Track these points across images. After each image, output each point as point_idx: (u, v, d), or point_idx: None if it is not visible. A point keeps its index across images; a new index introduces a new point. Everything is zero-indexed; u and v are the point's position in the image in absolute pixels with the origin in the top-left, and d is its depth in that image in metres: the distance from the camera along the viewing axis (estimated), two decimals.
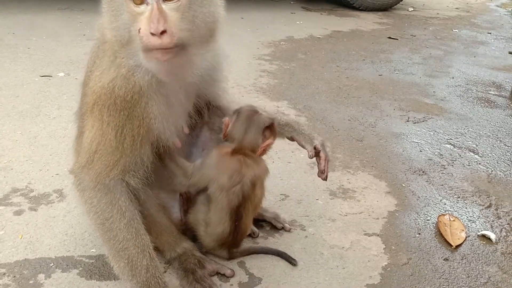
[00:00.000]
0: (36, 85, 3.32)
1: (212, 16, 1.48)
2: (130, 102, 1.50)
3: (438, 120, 3.45)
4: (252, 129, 1.83)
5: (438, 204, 2.43)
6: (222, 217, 1.80)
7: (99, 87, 1.52)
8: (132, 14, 1.39)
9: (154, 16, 1.33)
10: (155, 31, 1.32)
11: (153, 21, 1.33)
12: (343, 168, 2.68)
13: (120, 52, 1.47)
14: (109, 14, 1.46)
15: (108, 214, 1.57)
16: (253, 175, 1.81)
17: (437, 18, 7.10)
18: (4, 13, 4.90)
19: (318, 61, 4.54)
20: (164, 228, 1.79)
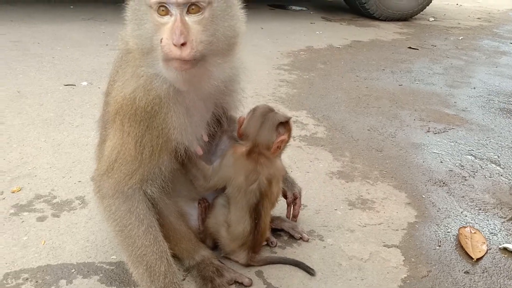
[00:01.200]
0: (60, 93, 3.40)
1: (233, 30, 1.51)
2: (150, 113, 1.53)
3: (459, 131, 3.41)
4: (266, 125, 1.85)
5: (459, 216, 2.39)
6: (242, 216, 1.83)
7: (121, 97, 1.56)
8: (155, 24, 1.42)
9: (176, 27, 1.37)
10: (176, 42, 1.36)
11: (175, 32, 1.37)
12: (362, 179, 2.67)
13: (141, 61, 1.51)
14: (132, 22, 1.50)
15: (126, 221, 1.60)
16: (268, 173, 1.84)
17: (458, 28, 7.04)
18: (30, 23, 5.03)
19: (338, 71, 4.54)
20: (183, 235, 1.81)
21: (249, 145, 1.85)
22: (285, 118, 1.88)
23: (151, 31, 1.44)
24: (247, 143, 1.85)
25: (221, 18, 1.46)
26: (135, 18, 1.49)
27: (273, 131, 1.85)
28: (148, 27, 1.45)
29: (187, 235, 1.83)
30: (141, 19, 1.47)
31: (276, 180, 1.89)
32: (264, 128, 1.84)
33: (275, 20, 6.26)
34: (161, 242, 1.64)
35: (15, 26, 4.88)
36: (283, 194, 2.12)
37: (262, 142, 1.84)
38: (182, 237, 1.81)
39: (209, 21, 1.43)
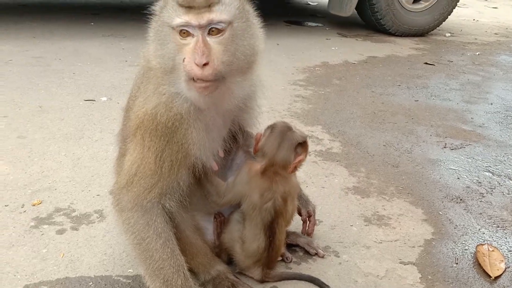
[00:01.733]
0: (80, 108, 3.47)
1: (253, 48, 1.56)
2: (171, 129, 1.57)
3: (476, 147, 3.39)
4: (285, 145, 1.85)
5: (476, 233, 2.37)
6: (256, 233, 1.84)
7: (142, 112, 1.61)
8: (177, 44, 1.48)
9: (198, 48, 1.42)
10: (198, 62, 1.41)
11: (198, 52, 1.42)
12: (378, 194, 2.66)
13: (163, 79, 1.56)
14: (155, 42, 1.55)
15: (144, 235, 1.63)
16: (283, 191, 1.85)
17: (475, 44, 7.00)
18: (52, 39, 5.16)
19: (353, 87, 4.55)
20: (199, 249, 1.83)
21: (265, 163, 1.85)
22: (302, 138, 1.89)
23: (173, 51, 1.49)
24: (263, 160, 1.86)
25: (241, 37, 1.51)
26: (158, 39, 1.54)
27: (291, 151, 1.85)
28: (170, 47, 1.50)
29: (203, 249, 1.85)
30: (164, 39, 1.52)
31: (291, 198, 1.89)
32: (283, 148, 1.85)
33: (291, 36, 6.32)
34: (178, 256, 1.67)
35: (38, 43, 5.01)
36: (298, 211, 2.12)
37: (279, 162, 1.85)
38: (198, 251, 1.83)
39: (229, 41, 1.48)
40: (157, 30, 1.55)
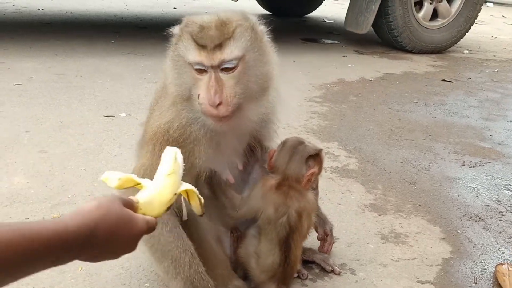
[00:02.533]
0: (100, 124, 3.54)
1: (266, 75, 1.60)
2: (180, 143, 1.63)
3: (496, 165, 3.35)
4: (295, 158, 1.86)
5: (495, 252, 2.33)
6: (272, 249, 1.83)
7: (156, 126, 1.68)
8: (193, 78, 1.54)
9: (211, 87, 1.48)
10: (212, 104, 1.48)
11: (211, 93, 1.48)
12: (395, 212, 2.64)
13: (181, 104, 1.63)
14: (173, 71, 1.61)
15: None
16: (298, 206, 1.84)
17: (493, 61, 6.95)
18: (74, 57, 5.28)
19: (370, 103, 4.55)
20: (220, 260, 1.83)
21: (279, 178, 1.86)
22: (315, 150, 1.89)
23: (190, 83, 1.56)
24: (277, 175, 1.87)
25: (254, 67, 1.56)
26: (175, 68, 1.60)
27: (302, 164, 1.86)
28: (187, 79, 1.57)
29: (224, 261, 1.85)
30: (181, 70, 1.58)
31: (306, 213, 1.88)
32: (294, 161, 1.86)
33: (307, 53, 6.36)
34: (185, 239, 1.70)
35: (60, 60, 5.14)
36: (315, 229, 2.12)
37: (292, 175, 1.85)
38: (220, 262, 1.83)
39: (242, 74, 1.53)
40: (174, 59, 1.60)
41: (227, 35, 1.50)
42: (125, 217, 1.14)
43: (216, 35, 1.49)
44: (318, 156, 1.90)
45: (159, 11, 8.61)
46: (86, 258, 1.10)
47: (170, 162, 1.27)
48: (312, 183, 1.92)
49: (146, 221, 1.19)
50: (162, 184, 1.25)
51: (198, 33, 1.51)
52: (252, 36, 1.55)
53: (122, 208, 1.14)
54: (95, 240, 1.06)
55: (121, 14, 8.04)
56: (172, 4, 9.41)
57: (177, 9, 9.04)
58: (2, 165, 2.83)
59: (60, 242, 1.00)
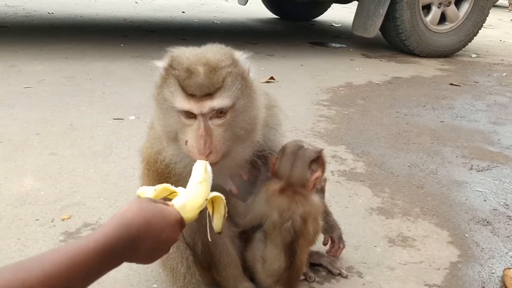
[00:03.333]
0: (109, 127, 3.57)
1: (253, 120, 1.59)
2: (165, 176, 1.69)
3: (504, 169, 3.34)
4: (298, 164, 1.82)
5: (503, 256, 2.33)
6: (277, 254, 1.83)
7: (147, 153, 1.76)
8: (180, 123, 1.50)
9: (201, 136, 1.44)
10: (202, 153, 1.45)
11: (201, 142, 1.44)
12: (403, 215, 2.64)
13: (167, 143, 1.62)
14: (159, 112, 1.57)
15: None
16: (302, 211, 1.82)
17: (502, 65, 6.93)
18: (83, 60, 5.34)
19: (377, 107, 4.55)
20: (233, 260, 1.84)
21: (283, 184, 1.84)
22: (316, 153, 1.85)
23: (176, 127, 1.52)
24: (281, 182, 1.85)
25: (242, 114, 1.54)
26: (160, 109, 1.55)
27: (306, 169, 1.83)
28: (173, 122, 1.53)
29: (237, 261, 1.86)
30: (167, 113, 1.53)
31: (312, 218, 1.85)
32: (297, 167, 1.82)
33: (315, 57, 6.38)
34: (183, 249, 1.78)
35: (70, 63, 5.19)
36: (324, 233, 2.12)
37: (296, 181, 1.83)
38: (233, 261, 1.83)
39: (231, 121, 1.51)
40: (159, 101, 1.55)
41: (217, 85, 1.45)
42: (157, 207, 1.22)
43: (205, 84, 1.44)
44: (320, 158, 1.87)
45: (168, 15, 8.67)
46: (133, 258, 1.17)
47: (201, 171, 1.40)
48: (317, 186, 1.92)
49: (178, 211, 1.28)
50: (194, 190, 1.37)
51: (185, 80, 1.45)
52: (242, 84, 1.51)
53: (153, 202, 1.24)
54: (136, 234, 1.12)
55: (130, 18, 8.11)
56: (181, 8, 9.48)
57: (185, 12, 9.10)
58: (13, 167, 2.87)
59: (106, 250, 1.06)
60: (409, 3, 6.39)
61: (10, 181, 2.71)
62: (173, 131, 1.54)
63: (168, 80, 1.50)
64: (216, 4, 10.39)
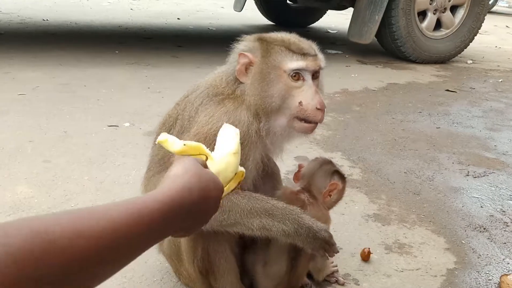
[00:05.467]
0: (104, 134, 3.55)
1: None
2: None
3: (500, 175, 3.33)
4: (322, 168, 1.97)
5: (500, 263, 2.31)
6: (279, 256, 1.83)
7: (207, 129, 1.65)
8: (288, 86, 1.65)
9: (316, 92, 1.66)
10: (321, 107, 1.65)
11: (318, 98, 1.65)
12: (399, 222, 2.63)
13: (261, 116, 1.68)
14: (261, 83, 1.67)
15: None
16: (311, 215, 1.83)
17: (497, 71, 6.95)
18: (78, 67, 5.32)
19: (373, 113, 4.55)
20: (232, 267, 1.81)
21: (303, 185, 1.96)
22: (342, 171, 2.02)
23: (283, 93, 1.65)
24: (301, 184, 1.97)
25: (320, 82, 1.77)
26: (264, 79, 1.67)
27: (328, 175, 1.95)
28: (280, 88, 1.65)
29: (235, 269, 1.83)
30: (272, 81, 1.66)
31: None
32: (321, 170, 1.96)
33: None
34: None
35: (64, 70, 5.17)
36: None
37: (315, 183, 1.94)
38: (232, 269, 1.81)
39: (321, 83, 1.77)
40: (264, 71, 1.67)
41: (316, 47, 1.75)
42: (209, 174, 1.11)
43: (313, 46, 1.74)
44: (344, 178, 2.00)
45: (163, 22, 8.68)
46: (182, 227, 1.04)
47: (234, 141, 1.28)
48: (331, 198, 1.96)
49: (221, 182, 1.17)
50: (228, 161, 1.25)
51: (295, 44, 1.68)
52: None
53: (203, 168, 1.12)
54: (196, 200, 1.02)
55: (126, 24, 8.11)
56: (176, 15, 9.49)
57: (180, 19, 9.11)
58: (6, 174, 2.84)
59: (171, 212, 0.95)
60: (404, 10, 6.42)
61: (3, 188, 2.68)
62: (280, 98, 1.65)
63: (272, 51, 1.67)
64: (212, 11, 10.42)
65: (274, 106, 1.65)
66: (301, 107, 1.64)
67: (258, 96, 1.67)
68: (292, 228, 1.65)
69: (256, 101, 1.67)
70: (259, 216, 1.64)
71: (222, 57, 1.89)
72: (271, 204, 1.67)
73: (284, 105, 1.65)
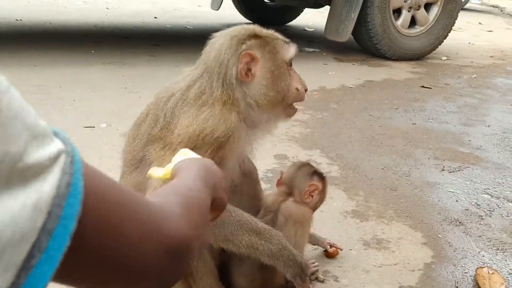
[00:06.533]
0: (80, 135, 3.50)
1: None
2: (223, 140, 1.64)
3: (475, 169, 3.40)
4: (301, 170, 2.01)
5: (476, 256, 2.36)
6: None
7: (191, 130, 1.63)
8: (288, 76, 1.75)
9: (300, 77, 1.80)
10: (307, 88, 1.81)
11: (303, 81, 1.79)
12: (377, 218, 2.66)
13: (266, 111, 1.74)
14: (271, 78, 1.71)
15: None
16: (287, 212, 1.88)
17: (471, 67, 7.09)
18: (53, 68, 5.23)
19: (351, 110, 4.59)
20: (210, 269, 1.81)
21: (283, 188, 2.00)
22: (321, 172, 2.06)
23: (288, 82, 1.75)
24: (284, 189, 2.00)
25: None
26: (273, 74, 1.71)
27: (307, 176, 1.99)
28: (287, 80, 1.75)
29: (214, 271, 1.82)
30: (282, 74, 1.73)
31: (298, 223, 1.90)
32: (300, 173, 2.00)
33: None
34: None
35: (39, 70, 5.08)
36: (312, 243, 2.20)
37: (296, 186, 1.97)
38: (210, 270, 1.80)
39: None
40: (272, 67, 1.71)
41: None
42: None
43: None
44: (324, 179, 2.04)
45: (140, 21, 8.59)
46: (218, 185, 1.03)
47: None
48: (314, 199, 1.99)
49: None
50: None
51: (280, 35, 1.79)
52: None
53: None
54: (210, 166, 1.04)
55: (102, 24, 7.99)
56: (153, 14, 9.40)
57: (158, 18, 9.03)
58: None
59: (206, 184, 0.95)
60: (380, 7, 6.48)
61: None
62: (286, 89, 1.74)
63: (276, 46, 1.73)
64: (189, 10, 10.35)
65: (280, 98, 1.72)
66: (298, 93, 1.77)
67: (268, 93, 1.70)
68: (277, 248, 1.70)
69: (263, 98, 1.70)
70: (248, 234, 1.68)
71: (200, 56, 1.88)
72: (259, 224, 1.72)
73: (288, 95, 1.75)
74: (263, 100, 1.70)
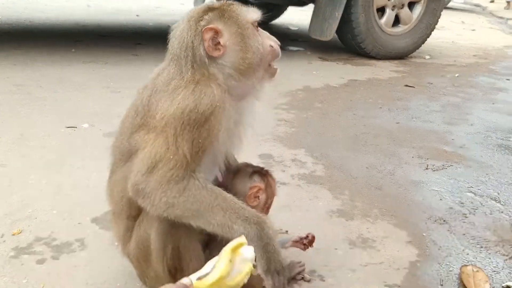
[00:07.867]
0: (62, 136, 3.44)
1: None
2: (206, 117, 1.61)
3: (458, 168, 3.43)
4: (240, 174, 1.92)
5: (460, 254, 2.38)
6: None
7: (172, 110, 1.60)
8: (258, 36, 1.73)
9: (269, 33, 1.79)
10: (279, 43, 1.79)
11: (274, 38, 1.79)
12: (362, 217, 2.67)
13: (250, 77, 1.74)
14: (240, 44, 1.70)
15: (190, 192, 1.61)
16: None
17: (454, 66, 7.17)
18: (34, 66, 5.14)
19: (335, 110, 4.60)
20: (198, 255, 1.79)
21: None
22: (259, 167, 1.94)
23: (259, 43, 1.73)
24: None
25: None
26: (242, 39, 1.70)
27: (246, 178, 1.90)
28: (256, 41, 1.72)
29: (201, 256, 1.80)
30: (249, 37, 1.71)
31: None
32: (239, 177, 1.91)
33: None
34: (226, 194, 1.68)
35: (19, 70, 4.98)
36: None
37: (238, 192, 1.85)
38: (197, 256, 1.78)
39: None
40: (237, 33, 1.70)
41: None
42: None
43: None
44: (265, 175, 1.94)
45: (122, 19, 8.49)
46: None
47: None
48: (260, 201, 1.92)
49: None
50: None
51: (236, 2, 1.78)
52: None
53: None
54: None
55: (83, 22, 7.89)
56: (135, 12, 9.31)
57: (140, 16, 8.94)
58: None
59: None
60: (364, 6, 6.51)
61: None
62: (259, 53, 1.72)
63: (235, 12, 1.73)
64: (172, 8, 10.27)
65: (257, 58, 1.71)
66: (273, 49, 1.76)
67: (244, 55, 1.69)
68: (255, 231, 1.63)
69: (242, 62, 1.69)
70: (223, 211, 1.62)
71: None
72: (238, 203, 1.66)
73: (264, 55, 1.73)
74: (243, 65, 1.69)
